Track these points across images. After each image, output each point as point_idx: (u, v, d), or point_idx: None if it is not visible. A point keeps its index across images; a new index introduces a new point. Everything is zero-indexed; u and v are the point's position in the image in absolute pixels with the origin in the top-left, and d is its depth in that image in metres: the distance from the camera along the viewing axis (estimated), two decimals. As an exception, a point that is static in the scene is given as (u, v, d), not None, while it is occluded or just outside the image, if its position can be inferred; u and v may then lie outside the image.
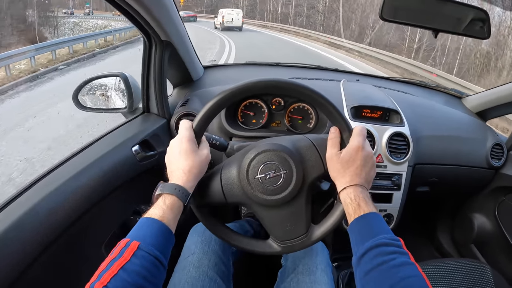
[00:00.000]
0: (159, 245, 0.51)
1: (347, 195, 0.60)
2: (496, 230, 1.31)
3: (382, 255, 0.50)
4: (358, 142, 0.63)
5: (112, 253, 0.48)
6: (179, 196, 0.57)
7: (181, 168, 0.61)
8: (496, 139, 1.26)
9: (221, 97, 0.65)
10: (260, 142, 0.69)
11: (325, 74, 1.46)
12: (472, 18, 0.91)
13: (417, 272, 0.48)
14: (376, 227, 0.55)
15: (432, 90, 1.56)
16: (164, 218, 0.54)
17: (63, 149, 3.31)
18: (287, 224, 0.67)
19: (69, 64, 7.71)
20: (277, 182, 0.65)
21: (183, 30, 1.00)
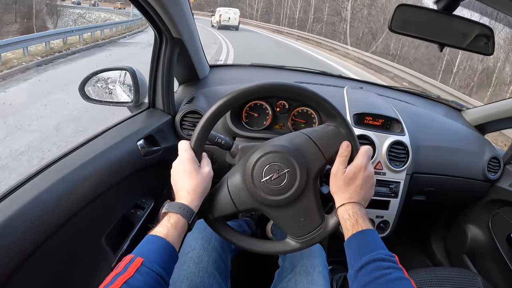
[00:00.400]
0: (162, 262, 0.52)
1: (345, 211, 0.63)
2: (489, 242, 1.34)
3: (379, 269, 0.52)
4: (362, 162, 0.65)
5: (117, 268, 0.50)
6: (183, 214, 0.59)
7: (185, 189, 0.63)
8: (494, 153, 1.28)
9: (213, 110, 0.67)
10: (259, 146, 0.70)
11: (329, 80, 1.48)
12: (477, 34, 0.92)
13: (411, 286, 0.50)
14: (373, 243, 0.58)
15: (433, 101, 1.58)
16: (168, 236, 0.55)
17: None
18: (301, 219, 0.68)
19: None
20: (283, 181, 0.66)
21: (194, 28, 1.01)
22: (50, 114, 3.82)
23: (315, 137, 0.69)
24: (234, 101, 0.68)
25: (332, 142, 0.68)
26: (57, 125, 3.52)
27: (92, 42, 9.34)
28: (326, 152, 0.68)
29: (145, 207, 0.98)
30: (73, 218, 0.70)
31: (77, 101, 1.04)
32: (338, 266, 1.19)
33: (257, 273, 1.19)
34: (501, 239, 1.27)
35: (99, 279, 0.76)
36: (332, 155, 0.68)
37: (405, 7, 0.86)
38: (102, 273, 0.81)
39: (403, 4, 0.85)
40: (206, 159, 0.70)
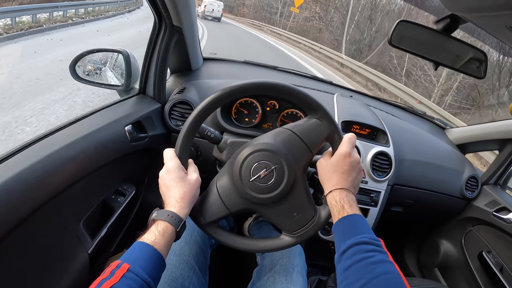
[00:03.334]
0: (148, 269, 0.52)
1: (332, 198, 0.64)
2: (461, 258, 1.38)
3: (361, 252, 0.53)
4: (346, 149, 0.67)
5: (104, 274, 0.49)
6: (171, 222, 0.59)
7: (173, 197, 0.63)
8: (472, 172, 1.33)
9: (192, 119, 0.67)
10: (244, 147, 0.71)
11: (319, 85, 1.49)
12: (471, 57, 0.95)
13: (394, 269, 0.51)
14: (358, 227, 0.59)
15: (419, 117, 1.62)
16: (155, 244, 0.55)
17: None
18: (294, 214, 0.69)
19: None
20: (271, 178, 0.66)
21: (195, 19, 1.00)
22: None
23: (298, 131, 0.69)
24: (210, 106, 0.68)
25: (316, 134, 0.69)
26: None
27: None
28: (311, 145, 0.69)
29: (126, 194, 0.97)
30: (55, 199, 0.68)
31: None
32: (313, 268, 1.21)
33: (235, 269, 1.19)
34: (472, 256, 1.32)
35: (75, 263, 0.74)
36: (317, 147, 0.69)
37: (405, 23, 0.88)
38: (78, 258, 0.79)
39: (404, 20, 0.86)
40: (193, 166, 0.70)
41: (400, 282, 0.48)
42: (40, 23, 5.39)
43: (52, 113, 2.87)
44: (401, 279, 0.49)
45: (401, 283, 0.48)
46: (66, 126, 0.78)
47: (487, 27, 0.67)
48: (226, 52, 8.80)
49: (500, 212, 1.24)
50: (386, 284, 0.48)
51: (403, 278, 0.49)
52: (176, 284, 0.71)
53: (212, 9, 20.25)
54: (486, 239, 1.29)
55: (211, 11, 20.25)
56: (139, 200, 1.07)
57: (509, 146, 1.28)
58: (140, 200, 1.07)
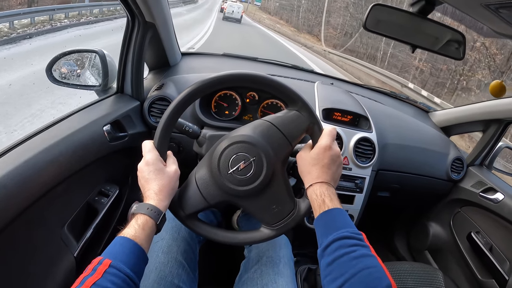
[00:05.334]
0: (130, 263, 0.52)
1: (313, 191, 0.63)
2: (450, 239, 1.40)
3: (344, 247, 0.53)
4: (327, 141, 0.66)
5: (86, 271, 0.49)
6: (151, 215, 0.59)
7: (152, 190, 0.62)
8: (457, 154, 1.34)
9: (174, 105, 0.66)
10: (223, 138, 0.70)
11: (300, 74, 1.49)
12: (449, 39, 0.95)
13: (376, 263, 0.51)
14: (340, 221, 0.58)
15: (402, 101, 1.62)
16: (136, 238, 0.55)
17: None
18: (273, 207, 0.69)
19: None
20: (250, 171, 0.66)
21: (168, 14, 0.98)
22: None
23: (277, 123, 0.69)
24: (188, 98, 0.67)
25: (296, 127, 0.69)
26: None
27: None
28: (291, 137, 0.68)
29: (110, 195, 0.96)
30: (36, 204, 0.67)
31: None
32: (302, 258, 1.22)
33: (223, 263, 1.19)
34: (461, 237, 1.34)
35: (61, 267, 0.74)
36: (297, 139, 0.69)
37: (380, 7, 0.87)
38: (64, 261, 0.78)
39: (378, 4, 0.86)
40: (171, 158, 0.69)
41: (383, 276, 0.49)
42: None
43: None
44: (384, 273, 0.49)
45: (384, 277, 0.48)
46: (43, 130, 0.77)
47: (462, 7, 0.67)
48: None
49: (487, 192, 1.25)
50: (369, 278, 0.48)
51: (386, 271, 0.49)
52: (166, 282, 0.71)
53: (232, 10, 21.31)
54: (474, 220, 1.31)
55: (231, 12, 21.27)
56: (123, 200, 1.06)
57: (492, 127, 1.30)
58: (124, 200, 1.06)
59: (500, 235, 1.20)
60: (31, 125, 2.91)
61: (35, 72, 3.45)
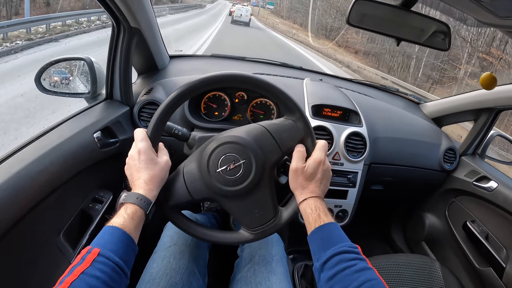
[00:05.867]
0: (119, 252, 0.52)
1: (307, 206, 0.64)
2: (446, 229, 1.41)
3: (344, 261, 0.54)
4: (321, 156, 0.67)
5: (74, 260, 0.49)
6: (140, 205, 0.59)
7: (142, 179, 0.62)
8: (450, 144, 1.34)
9: (170, 100, 0.66)
10: (216, 136, 0.70)
11: (289, 72, 1.49)
12: (435, 30, 0.95)
13: (376, 276, 0.53)
14: (336, 236, 0.60)
15: (392, 94, 1.63)
16: (125, 227, 0.55)
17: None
18: (255, 211, 0.69)
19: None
20: (238, 172, 0.66)
21: (153, 18, 0.98)
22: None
23: (272, 130, 0.69)
24: (192, 90, 0.67)
25: (289, 136, 0.69)
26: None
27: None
28: (283, 146, 0.69)
29: (104, 201, 0.96)
30: (30, 214, 0.68)
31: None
32: (299, 255, 1.22)
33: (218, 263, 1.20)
34: (457, 226, 1.34)
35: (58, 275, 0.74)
36: (289, 148, 0.69)
37: (363, 1, 0.87)
38: (61, 269, 0.78)
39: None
40: (163, 149, 0.69)
41: (383, 287, 0.51)
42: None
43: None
44: (383, 285, 0.51)
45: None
46: (34, 141, 0.78)
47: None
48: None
49: (481, 181, 1.26)
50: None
51: (385, 283, 0.52)
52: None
53: (240, 14, 22.00)
54: (469, 209, 1.31)
55: (239, 16, 21.95)
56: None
57: (483, 116, 1.30)
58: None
59: (496, 223, 1.21)
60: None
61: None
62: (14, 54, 5.31)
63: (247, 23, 22.04)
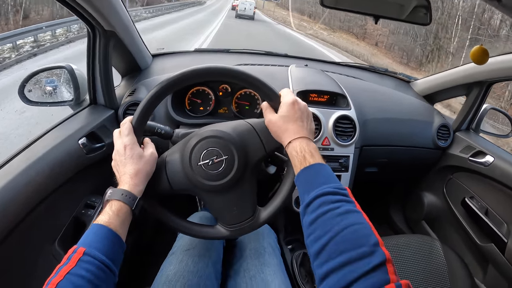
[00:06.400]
0: (105, 250, 0.51)
1: (293, 149, 0.60)
2: (445, 207, 1.40)
3: (327, 204, 0.50)
4: (291, 97, 0.64)
5: (61, 261, 0.49)
6: (125, 201, 0.58)
7: (127, 174, 0.61)
8: (442, 121, 1.33)
9: (154, 92, 0.66)
10: (201, 130, 0.70)
11: (274, 60, 1.47)
12: (416, 5, 0.93)
13: (362, 220, 0.48)
14: (322, 176, 0.56)
15: (381, 74, 1.61)
16: (110, 224, 0.54)
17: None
18: (234, 208, 0.69)
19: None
20: (220, 167, 0.66)
21: (127, 19, 0.97)
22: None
23: (259, 128, 0.68)
24: (177, 82, 0.66)
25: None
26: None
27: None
28: (268, 145, 0.68)
29: (96, 206, 0.96)
30: (21, 226, 0.68)
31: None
32: (297, 243, 1.21)
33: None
34: (456, 203, 1.33)
35: None
36: (273, 149, 0.68)
37: (336, -21, 0.86)
38: None
39: (334, -23, 0.84)
40: (149, 142, 0.68)
41: (370, 233, 0.46)
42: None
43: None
44: (370, 230, 0.46)
45: (371, 234, 0.46)
46: (19, 153, 0.78)
47: None
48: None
49: (477, 156, 1.25)
50: (355, 235, 0.45)
51: (372, 227, 0.47)
52: None
53: (244, 7, 21.10)
54: (467, 185, 1.30)
55: (243, 9, 21.09)
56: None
57: (475, 90, 1.28)
58: None
59: (494, 197, 1.19)
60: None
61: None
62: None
63: (252, 17, 21.27)
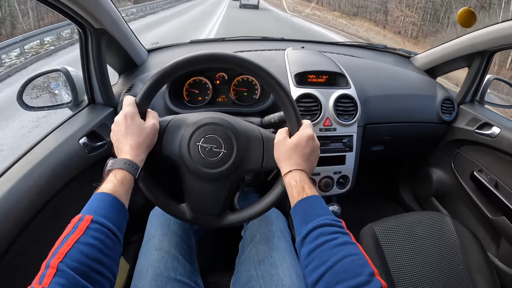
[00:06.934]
0: (112, 218, 0.51)
1: (292, 178, 0.61)
2: (454, 182, 1.38)
3: (324, 235, 0.51)
4: (310, 132, 0.65)
5: (66, 230, 0.48)
6: (129, 170, 0.58)
7: (128, 144, 0.61)
8: (446, 95, 1.30)
9: (163, 70, 0.66)
10: (215, 114, 0.70)
11: (271, 45, 1.46)
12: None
13: (358, 251, 0.49)
14: (319, 208, 0.57)
15: (381, 51, 1.58)
16: (115, 192, 0.54)
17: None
18: (205, 199, 0.70)
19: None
20: (214, 157, 0.66)
21: (117, 16, 0.97)
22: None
23: (266, 142, 0.70)
24: (182, 65, 0.66)
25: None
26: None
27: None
28: (266, 162, 0.68)
29: None
30: (27, 228, 0.69)
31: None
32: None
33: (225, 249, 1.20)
34: (465, 177, 1.31)
35: None
36: (268, 167, 0.69)
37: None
38: None
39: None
40: (151, 113, 0.68)
41: (365, 263, 0.47)
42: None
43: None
44: (366, 261, 0.48)
45: (366, 265, 0.47)
46: (21, 158, 0.79)
47: None
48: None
49: (483, 128, 1.22)
50: (352, 265, 0.47)
51: (368, 259, 0.48)
52: (162, 278, 0.70)
53: None
54: (474, 159, 1.28)
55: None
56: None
57: (476, 60, 1.25)
58: None
59: (503, 169, 1.17)
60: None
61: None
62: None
63: (256, 6, 21.01)
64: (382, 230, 0.99)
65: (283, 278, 0.70)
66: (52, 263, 0.43)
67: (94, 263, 0.45)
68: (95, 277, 0.44)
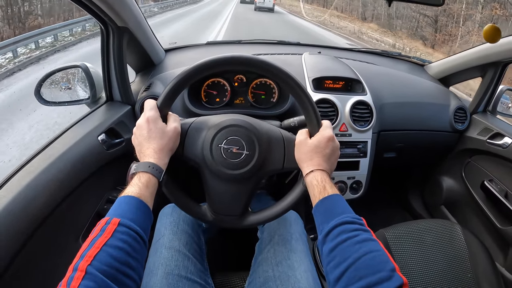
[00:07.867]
0: (139, 221, 0.51)
1: (314, 178, 0.62)
2: (464, 191, 1.38)
3: (346, 232, 0.52)
4: (330, 133, 0.66)
5: (93, 233, 0.48)
6: (153, 173, 0.58)
7: (152, 148, 0.62)
8: (459, 104, 1.31)
9: (186, 73, 0.66)
10: (237, 116, 0.70)
11: (287, 49, 1.47)
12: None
13: (379, 247, 0.50)
14: (340, 207, 0.57)
15: (395, 59, 1.59)
16: (141, 195, 0.54)
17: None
18: (226, 200, 0.70)
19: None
20: (236, 158, 0.66)
21: (139, 15, 0.98)
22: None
23: (287, 143, 0.70)
24: (205, 68, 0.66)
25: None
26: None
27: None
28: (287, 162, 0.69)
29: None
30: (45, 223, 0.70)
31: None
32: (317, 233, 1.22)
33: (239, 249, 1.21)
34: (475, 187, 1.31)
35: None
36: (290, 168, 0.69)
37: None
38: None
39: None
40: (173, 116, 0.68)
41: (387, 259, 0.48)
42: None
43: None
44: (387, 257, 0.48)
45: (387, 261, 0.47)
46: (40, 152, 0.79)
47: None
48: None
49: (494, 138, 1.23)
50: (373, 262, 0.47)
51: (389, 255, 0.49)
52: (173, 276, 0.70)
53: (263, 0, 20.39)
54: (485, 168, 1.28)
55: (262, 1, 20.29)
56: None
57: (490, 71, 1.26)
58: None
59: None
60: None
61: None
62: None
63: (271, 9, 20.46)
64: (393, 236, 0.99)
65: (300, 280, 0.71)
66: (81, 266, 0.43)
67: (122, 266, 0.45)
68: (123, 280, 0.45)
